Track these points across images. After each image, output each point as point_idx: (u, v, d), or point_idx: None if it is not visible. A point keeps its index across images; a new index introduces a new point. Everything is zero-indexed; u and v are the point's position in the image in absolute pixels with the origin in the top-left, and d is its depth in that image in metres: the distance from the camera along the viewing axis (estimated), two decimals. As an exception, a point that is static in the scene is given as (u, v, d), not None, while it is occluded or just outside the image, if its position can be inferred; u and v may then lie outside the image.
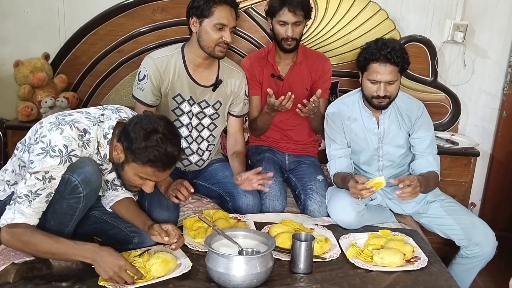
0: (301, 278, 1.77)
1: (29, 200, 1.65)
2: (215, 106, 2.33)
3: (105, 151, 1.78)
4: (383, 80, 2.14)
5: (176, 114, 2.28)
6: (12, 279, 1.65)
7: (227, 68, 2.35)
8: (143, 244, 1.88)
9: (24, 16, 2.86)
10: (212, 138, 2.40)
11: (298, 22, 2.36)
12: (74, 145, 1.67)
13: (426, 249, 2.01)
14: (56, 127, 1.67)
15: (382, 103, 2.21)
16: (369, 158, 2.34)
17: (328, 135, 2.38)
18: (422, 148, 2.29)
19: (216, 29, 2.13)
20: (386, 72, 2.12)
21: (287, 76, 2.53)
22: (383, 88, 2.15)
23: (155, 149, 1.64)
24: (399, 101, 2.30)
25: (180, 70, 2.24)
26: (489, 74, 3.08)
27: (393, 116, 2.29)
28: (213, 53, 2.18)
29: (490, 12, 2.98)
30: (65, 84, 2.89)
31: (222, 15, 2.12)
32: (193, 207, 2.28)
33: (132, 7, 2.83)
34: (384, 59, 2.11)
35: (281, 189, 2.35)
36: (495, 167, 3.15)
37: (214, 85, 2.29)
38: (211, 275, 1.68)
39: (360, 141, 2.32)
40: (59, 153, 1.64)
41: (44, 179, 1.64)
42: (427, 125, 2.31)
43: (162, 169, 1.69)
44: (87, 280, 1.67)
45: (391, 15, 2.92)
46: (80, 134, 1.70)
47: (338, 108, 2.36)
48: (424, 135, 2.28)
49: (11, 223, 1.64)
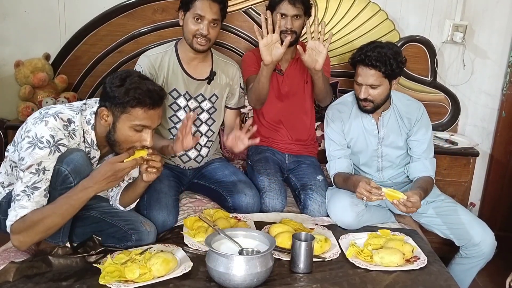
0: (301, 278, 1.77)
1: (27, 195, 1.65)
2: (212, 100, 2.36)
3: (91, 136, 1.79)
4: (364, 82, 2.15)
5: (173, 109, 2.30)
6: (12, 278, 1.65)
7: (221, 61, 2.40)
8: (141, 241, 1.90)
9: (25, 16, 2.87)
10: (211, 133, 2.42)
11: (297, 15, 2.37)
12: (60, 134, 1.68)
13: (425, 249, 2.02)
14: (40, 120, 1.68)
15: (366, 107, 2.22)
16: (369, 159, 2.35)
17: (328, 136, 2.38)
18: (420, 152, 2.30)
19: (194, 20, 2.18)
20: (367, 75, 2.13)
21: (286, 71, 2.55)
22: (363, 91, 2.16)
23: (136, 89, 1.67)
24: (398, 103, 2.30)
25: (174, 65, 2.28)
26: (489, 74, 3.09)
27: (393, 118, 2.30)
28: (192, 45, 2.23)
29: (489, 12, 2.99)
30: (66, 84, 2.89)
31: (200, 6, 2.16)
32: (193, 206, 2.28)
33: (132, 7, 2.84)
34: (366, 63, 2.12)
35: (281, 188, 2.36)
36: (494, 167, 3.15)
37: (208, 78, 2.33)
38: (211, 274, 1.69)
39: (359, 143, 2.33)
40: (47, 144, 1.65)
41: (38, 171, 1.65)
42: (426, 127, 2.31)
43: (151, 106, 1.70)
44: (88, 279, 1.67)
45: (391, 16, 2.93)
46: (65, 124, 1.71)
47: (338, 109, 2.36)
48: (423, 138, 2.29)
49: (16, 220, 1.65)
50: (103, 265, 1.71)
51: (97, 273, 1.67)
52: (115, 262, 1.72)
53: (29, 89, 2.78)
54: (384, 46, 2.15)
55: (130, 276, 1.66)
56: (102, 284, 1.63)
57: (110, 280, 1.63)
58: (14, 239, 1.69)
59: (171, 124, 2.32)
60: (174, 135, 2.31)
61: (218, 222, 2.01)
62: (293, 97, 2.54)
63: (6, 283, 1.64)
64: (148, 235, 1.92)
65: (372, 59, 2.10)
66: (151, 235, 1.93)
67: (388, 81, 2.17)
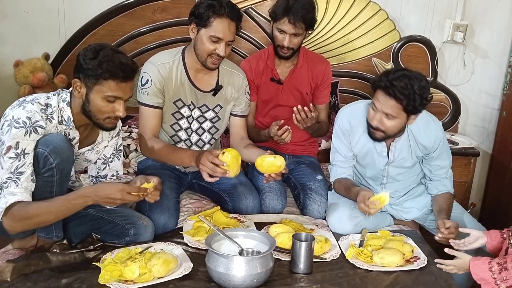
0: (301, 278, 1.77)
1: (14, 181, 1.65)
2: (215, 110, 2.31)
3: (67, 113, 1.80)
4: (381, 109, 1.98)
5: (176, 117, 2.26)
6: (9, 277, 1.65)
7: (227, 71, 2.31)
8: (139, 235, 1.91)
9: (24, 16, 2.86)
10: (214, 141, 2.38)
11: (297, 34, 2.33)
12: (37, 116, 1.70)
13: (425, 249, 2.01)
14: (18, 105, 1.71)
15: (375, 135, 2.07)
16: (374, 175, 2.29)
17: (334, 146, 2.28)
18: (441, 174, 2.22)
19: (211, 40, 2.08)
20: (386, 104, 1.95)
21: (287, 79, 2.51)
22: (377, 118, 2.00)
23: (109, 61, 1.69)
24: (414, 128, 2.12)
25: (182, 76, 2.21)
26: (489, 74, 3.09)
27: (406, 143, 2.16)
28: (204, 63, 2.15)
29: (490, 12, 2.99)
30: (65, 84, 2.88)
31: (219, 28, 2.06)
32: (193, 207, 2.27)
33: (132, 7, 2.83)
34: (389, 92, 1.93)
35: (280, 189, 2.35)
36: (495, 167, 3.15)
37: (214, 90, 2.27)
38: (211, 275, 1.68)
39: (366, 159, 2.24)
40: (23, 125, 1.66)
41: (18, 155, 1.65)
42: (446, 150, 2.21)
43: (123, 79, 1.73)
44: (87, 277, 1.67)
45: (391, 15, 2.92)
46: (43, 108, 1.73)
47: (349, 123, 2.19)
48: (444, 163, 2.21)
49: (6, 207, 1.64)
50: (102, 264, 1.71)
51: (96, 271, 1.67)
52: (115, 260, 1.72)
53: (29, 89, 2.77)
54: (413, 77, 1.94)
55: (129, 275, 1.66)
56: (102, 284, 1.63)
57: (110, 280, 1.63)
58: (6, 223, 1.67)
59: (172, 132, 2.27)
60: (175, 142, 2.28)
61: (217, 223, 2.00)
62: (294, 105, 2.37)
63: (4, 282, 1.63)
64: (146, 229, 1.93)
65: (396, 90, 1.91)
66: (148, 229, 1.94)
67: (407, 116, 1.99)
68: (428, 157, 2.20)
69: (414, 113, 2.00)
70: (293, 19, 2.27)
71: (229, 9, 2.07)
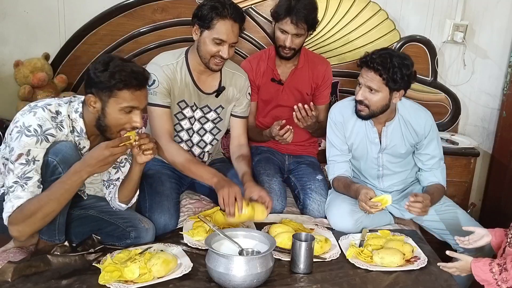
0: (301, 278, 1.77)
1: (21, 185, 1.65)
2: (217, 111, 2.31)
3: (80, 125, 1.79)
4: (363, 83, 2.07)
5: (178, 118, 2.25)
6: (10, 278, 1.65)
7: (229, 72, 2.30)
8: (140, 238, 1.90)
9: (24, 16, 2.86)
10: (216, 142, 2.38)
11: (298, 34, 2.33)
12: (48, 124, 1.70)
13: (425, 249, 2.01)
14: (29, 111, 1.70)
15: (361, 112, 2.13)
16: (369, 167, 2.31)
17: (329, 140, 2.33)
18: (431, 164, 2.25)
19: (214, 43, 2.07)
20: (368, 77, 2.05)
21: (287, 80, 2.51)
22: (361, 92, 2.09)
23: (120, 71, 1.68)
24: (405, 112, 2.21)
25: (186, 77, 2.20)
26: (489, 74, 3.08)
27: (397, 128, 2.21)
28: (208, 65, 2.14)
29: (490, 12, 2.99)
30: (65, 84, 2.89)
31: (223, 30, 2.05)
32: (193, 207, 2.27)
33: (132, 7, 2.84)
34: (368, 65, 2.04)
35: (280, 189, 2.35)
36: (495, 167, 3.15)
37: (217, 92, 2.27)
38: (211, 275, 1.68)
39: (360, 149, 2.28)
40: (34, 133, 1.66)
41: (28, 162, 1.65)
42: (436, 139, 2.25)
43: (138, 87, 1.71)
44: (87, 278, 1.67)
45: (391, 15, 2.92)
46: (53, 116, 1.72)
47: (341, 113, 2.27)
48: (434, 152, 2.24)
49: (13, 210, 1.64)
50: (102, 265, 1.71)
51: (96, 272, 1.67)
52: (115, 261, 1.71)
53: (29, 89, 2.78)
54: (395, 55, 2.05)
55: (129, 276, 1.66)
56: (102, 284, 1.63)
57: (110, 280, 1.63)
58: (13, 230, 1.68)
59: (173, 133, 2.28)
60: None
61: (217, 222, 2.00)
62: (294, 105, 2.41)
63: (4, 283, 1.63)
64: (147, 232, 1.92)
65: (375, 62, 2.02)
66: (149, 232, 1.93)
67: (389, 91, 2.06)
68: (419, 145, 2.24)
69: (396, 89, 2.06)
70: (295, 20, 2.27)
71: (232, 10, 2.06)
